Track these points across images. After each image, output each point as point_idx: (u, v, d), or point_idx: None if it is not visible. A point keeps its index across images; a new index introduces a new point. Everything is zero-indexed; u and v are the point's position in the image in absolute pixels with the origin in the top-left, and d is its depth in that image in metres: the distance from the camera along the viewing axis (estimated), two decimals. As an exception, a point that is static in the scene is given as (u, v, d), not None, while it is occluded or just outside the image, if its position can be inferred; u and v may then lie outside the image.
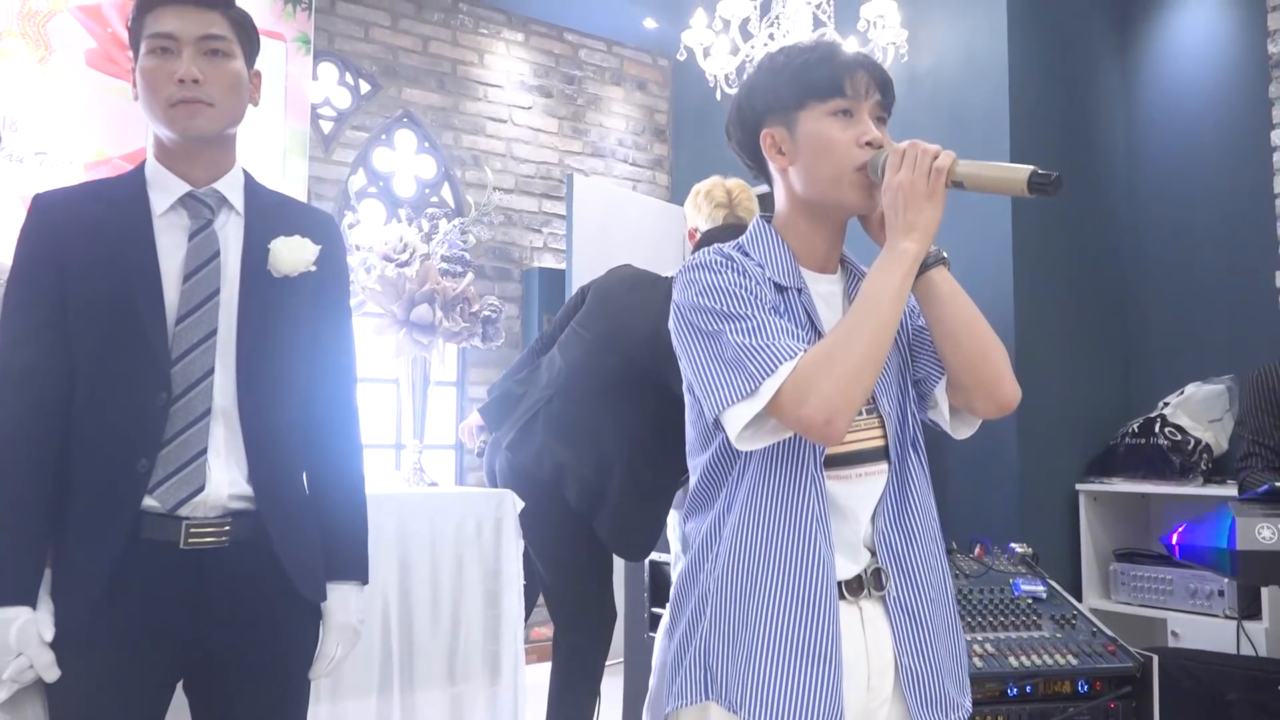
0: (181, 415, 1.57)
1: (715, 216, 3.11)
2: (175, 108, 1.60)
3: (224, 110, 1.64)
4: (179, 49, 1.60)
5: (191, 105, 1.60)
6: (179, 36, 1.60)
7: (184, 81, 1.58)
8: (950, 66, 4.32)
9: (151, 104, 1.62)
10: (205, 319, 1.61)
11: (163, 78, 1.59)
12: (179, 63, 1.59)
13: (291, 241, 1.70)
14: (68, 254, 1.59)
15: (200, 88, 1.59)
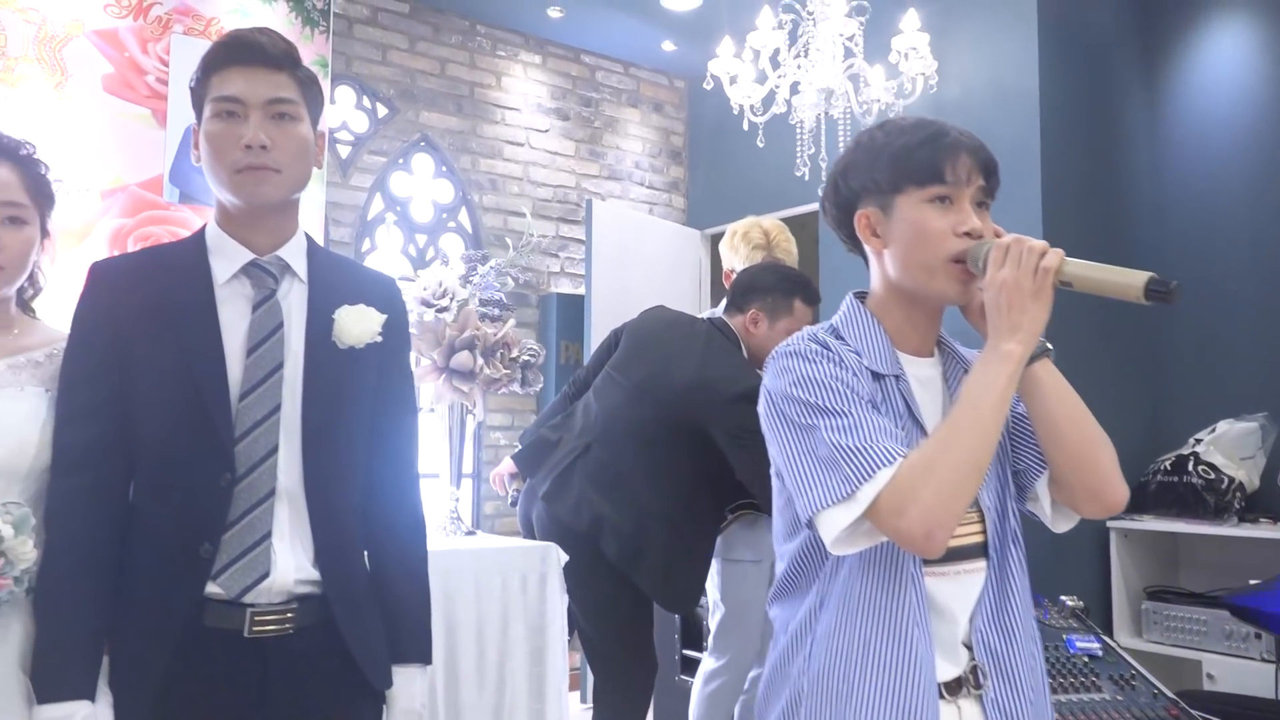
0: (245, 496, 1.51)
1: (753, 258, 3.07)
2: (241, 174, 1.53)
3: (290, 176, 1.58)
4: (246, 113, 1.54)
5: (258, 172, 1.54)
6: (246, 100, 1.54)
7: (251, 147, 1.52)
8: (979, 97, 4.27)
9: (216, 169, 1.55)
10: (269, 394, 1.54)
11: (229, 143, 1.53)
12: (246, 127, 1.53)
13: (357, 311, 1.64)
14: (128, 326, 1.53)
15: (267, 154, 1.53)
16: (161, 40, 4.01)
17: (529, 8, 4.86)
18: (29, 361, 1.61)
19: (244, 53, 1.56)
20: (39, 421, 1.54)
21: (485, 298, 2.82)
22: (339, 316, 1.62)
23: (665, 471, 2.64)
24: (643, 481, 2.63)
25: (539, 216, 5.12)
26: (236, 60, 1.56)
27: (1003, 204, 4.24)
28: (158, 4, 4.01)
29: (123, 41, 3.93)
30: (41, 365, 1.61)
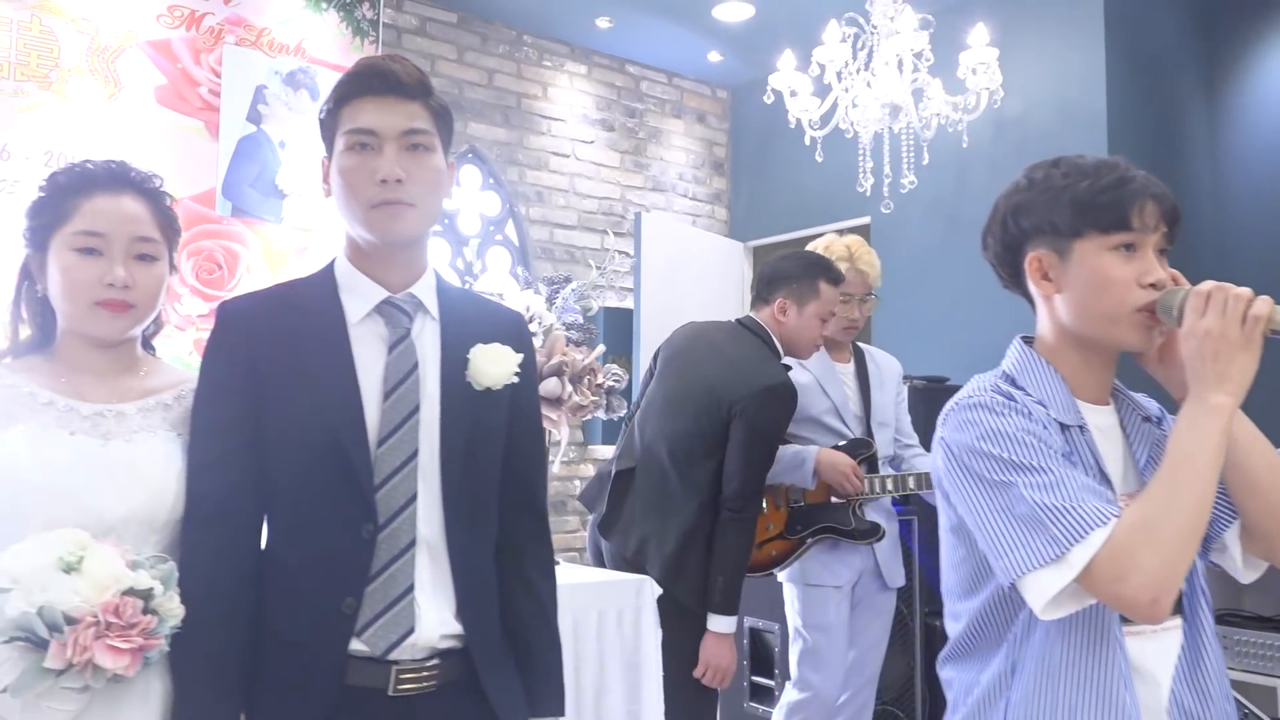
0: (386, 547, 1.44)
1: (849, 281, 3.00)
2: (376, 210, 1.46)
3: (426, 211, 1.51)
4: (380, 145, 1.47)
5: (393, 207, 1.47)
6: (380, 132, 1.47)
7: (386, 181, 1.45)
8: (1042, 113, 4.21)
9: (350, 205, 1.48)
10: (407, 439, 1.48)
11: (363, 177, 1.46)
12: (380, 160, 1.46)
13: (493, 350, 1.57)
14: (263, 369, 1.46)
15: (403, 188, 1.46)
16: (214, 51, 3.94)
17: (577, 18, 4.79)
18: (158, 404, 1.54)
19: (377, 82, 1.49)
20: (175, 468, 1.47)
21: (566, 321, 2.76)
22: (475, 356, 1.55)
23: (708, 483, 2.60)
24: (683, 497, 2.61)
25: (584, 229, 5.05)
26: (370, 90, 1.49)
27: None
28: (210, 14, 3.94)
29: (175, 52, 3.87)
30: (171, 408, 1.54)
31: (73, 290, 1.47)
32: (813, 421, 2.95)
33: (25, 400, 1.45)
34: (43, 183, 1.54)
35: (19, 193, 3.52)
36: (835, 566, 2.89)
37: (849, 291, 2.98)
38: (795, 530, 2.89)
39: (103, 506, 1.41)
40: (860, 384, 3.07)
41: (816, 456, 2.84)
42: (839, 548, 2.88)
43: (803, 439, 2.95)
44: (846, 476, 2.83)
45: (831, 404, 2.96)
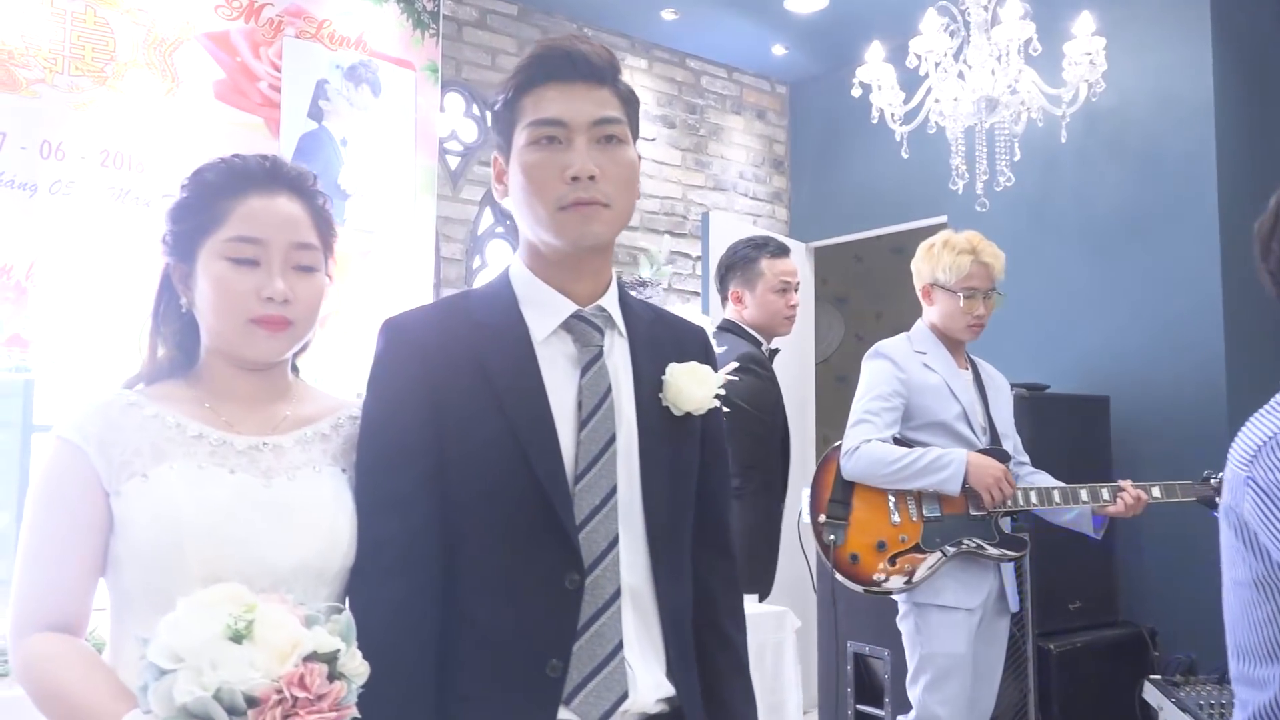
0: (591, 599, 1.24)
1: (959, 265, 2.79)
2: (566, 212, 1.26)
3: (620, 210, 1.31)
4: (569, 138, 1.27)
5: (587, 208, 1.27)
6: (570, 122, 1.27)
7: (579, 178, 1.25)
8: (1141, 105, 4.00)
9: (535, 206, 1.28)
10: (604, 474, 1.28)
11: (552, 174, 1.26)
12: (571, 155, 1.26)
13: (690, 370, 1.37)
14: (442, 396, 1.26)
15: (596, 185, 1.26)
16: (273, 44, 3.74)
17: (641, 10, 4.59)
18: (316, 435, 1.33)
19: (564, 66, 1.30)
20: (347, 509, 1.27)
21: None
22: (674, 377, 1.35)
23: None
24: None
25: (646, 230, 4.85)
26: (555, 75, 1.29)
27: (1175, 218, 3.97)
28: (269, 5, 3.74)
29: (234, 45, 3.66)
30: (330, 439, 1.34)
31: (226, 305, 1.26)
32: (942, 427, 2.74)
33: (173, 433, 1.25)
34: (185, 181, 1.33)
35: (75, 194, 3.32)
36: (972, 586, 2.67)
37: (974, 286, 2.78)
38: (933, 544, 2.67)
39: (272, 556, 1.21)
40: (980, 393, 2.86)
41: (967, 459, 2.63)
42: (971, 567, 2.67)
43: (930, 446, 2.73)
44: (998, 482, 2.62)
45: (961, 409, 2.75)
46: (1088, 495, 2.68)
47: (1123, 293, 3.97)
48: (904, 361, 2.76)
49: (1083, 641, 3.45)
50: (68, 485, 1.21)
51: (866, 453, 2.67)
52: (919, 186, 4.64)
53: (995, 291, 2.83)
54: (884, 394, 2.73)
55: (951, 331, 2.81)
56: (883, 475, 2.66)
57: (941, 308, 2.81)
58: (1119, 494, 2.66)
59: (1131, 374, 3.88)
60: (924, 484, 2.64)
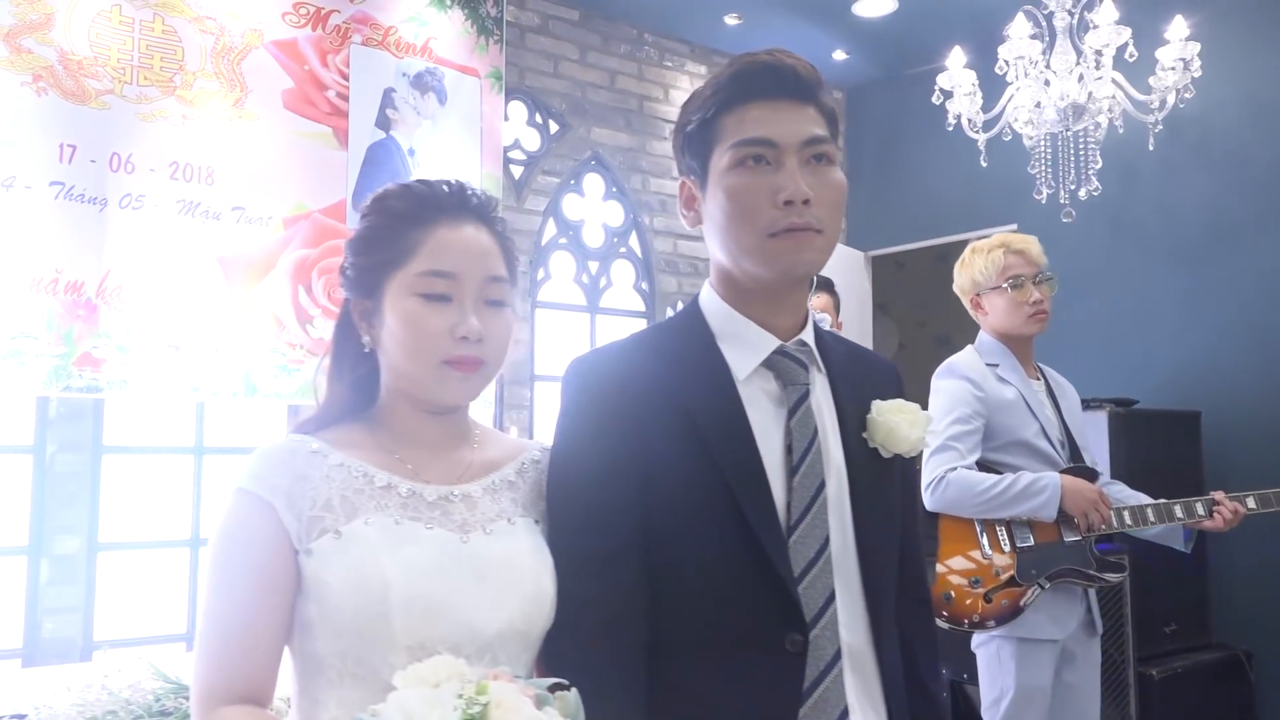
0: (813, 660, 1.14)
1: (993, 261, 2.64)
2: (779, 239, 1.16)
3: (831, 237, 1.21)
4: (779, 159, 1.16)
5: (800, 235, 1.16)
6: (780, 143, 1.16)
7: (792, 203, 1.15)
8: (1229, 111, 3.89)
9: (741, 233, 1.17)
10: (817, 523, 1.18)
11: (761, 198, 1.15)
12: (782, 177, 1.16)
13: (902, 409, 1.27)
14: (647, 441, 1.16)
15: (809, 210, 1.16)
16: (340, 51, 3.65)
17: (704, 15, 4.49)
18: (503, 482, 1.23)
19: (771, 82, 1.19)
20: (547, 565, 1.17)
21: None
22: (885, 417, 1.25)
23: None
24: None
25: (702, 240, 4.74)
26: (761, 93, 1.19)
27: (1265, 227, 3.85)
28: (336, 11, 3.65)
29: (302, 53, 3.57)
30: (516, 486, 1.23)
31: (418, 345, 1.15)
32: (1023, 445, 2.59)
33: (361, 484, 1.14)
34: (367, 209, 1.23)
35: (145, 208, 3.23)
36: (1060, 618, 2.54)
37: (1017, 274, 2.61)
38: (1029, 575, 2.54)
39: (478, 620, 1.10)
40: (1053, 404, 2.73)
41: (1062, 483, 2.51)
42: (1060, 596, 2.53)
43: (1012, 467, 2.60)
44: (1095, 504, 2.49)
45: (1039, 425, 2.62)
46: (1182, 511, 2.55)
47: (1211, 304, 3.86)
48: (980, 378, 2.62)
49: (1183, 666, 3.33)
50: (255, 543, 1.10)
51: (954, 482, 2.53)
52: (988, 194, 4.53)
53: (1045, 276, 2.68)
54: (964, 416, 2.57)
55: (1015, 329, 2.65)
56: (974, 505, 2.52)
57: (996, 310, 2.66)
58: (1215, 508, 2.52)
59: (1223, 388, 3.77)
60: (1018, 511, 2.51)
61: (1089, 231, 4.18)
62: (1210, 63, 3.86)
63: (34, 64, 3.07)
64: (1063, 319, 4.10)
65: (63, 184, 3.09)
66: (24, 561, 3.14)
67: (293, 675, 1.15)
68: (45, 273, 3.03)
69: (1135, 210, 4.14)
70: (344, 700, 1.08)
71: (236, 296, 3.36)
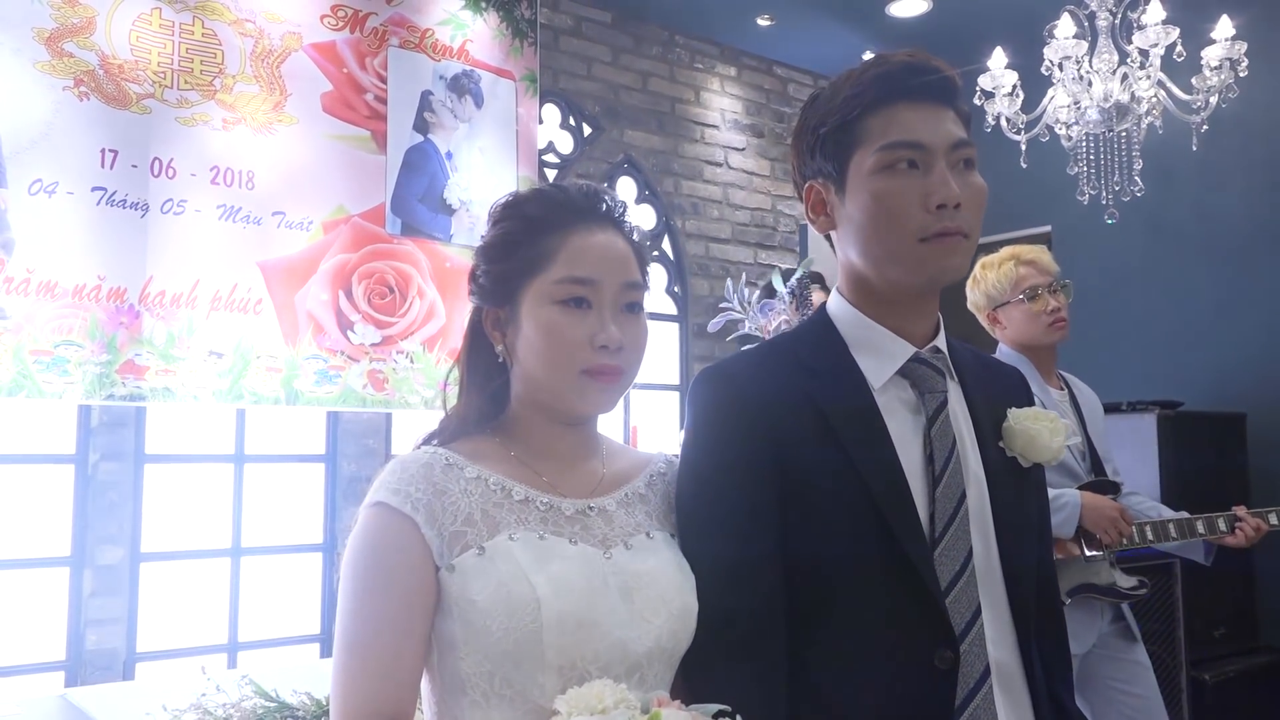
0: (962, 680, 1.10)
1: (1005, 274, 2.59)
2: (929, 243, 1.12)
3: (974, 241, 1.17)
4: (928, 162, 1.13)
5: (950, 239, 1.12)
6: (931, 146, 1.13)
7: (945, 206, 1.11)
8: (1269, 115, 3.87)
9: (889, 237, 1.13)
10: (960, 535, 1.14)
11: (913, 202, 1.12)
12: (933, 181, 1.12)
13: (1040, 416, 1.23)
14: (786, 450, 1.12)
15: (960, 214, 1.12)
16: (378, 54, 3.62)
17: (736, 16, 4.47)
18: (635, 495, 1.18)
19: (917, 83, 1.15)
20: (691, 581, 1.13)
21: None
22: (1024, 426, 1.22)
23: None
24: None
25: (737, 242, 4.72)
26: (907, 94, 1.15)
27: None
28: (374, 14, 3.62)
29: (341, 56, 3.54)
30: (647, 499, 1.19)
31: (557, 354, 1.11)
32: None
33: (499, 497, 1.10)
34: (497, 213, 1.19)
35: (186, 213, 3.19)
36: (1079, 632, 2.49)
37: (1031, 285, 2.58)
38: None
39: (627, 639, 1.06)
40: (1076, 414, 2.68)
41: (1082, 500, 2.47)
42: (1077, 611, 2.49)
43: None
44: (1115, 522, 2.45)
45: None
46: (1204, 527, 2.50)
47: (1255, 305, 3.84)
48: None
49: (1235, 670, 3.31)
50: (396, 560, 1.06)
51: None
52: (1023, 195, 4.50)
53: (1060, 284, 2.64)
54: None
55: (1036, 339, 2.61)
56: None
57: (1014, 323, 2.61)
58: (1237, 524, 2.47)
59: (1268, 390, 3.75)
60: None
61: (1127, 233, 4.15)
62: (1252, 64, 3.84)
63: (75, 68, 3.04)
64: (1101, 322, 4.08)
65: (104, 189, 3.06)
66: (66, 573, 3.10)
67: (428, 694, 1.12)
68: (88, 279, 3.00)
69: (1174, 212, 4.11)
70: (486, 719, 1.05)
71: (278, 302, 3.32)
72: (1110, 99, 3.54)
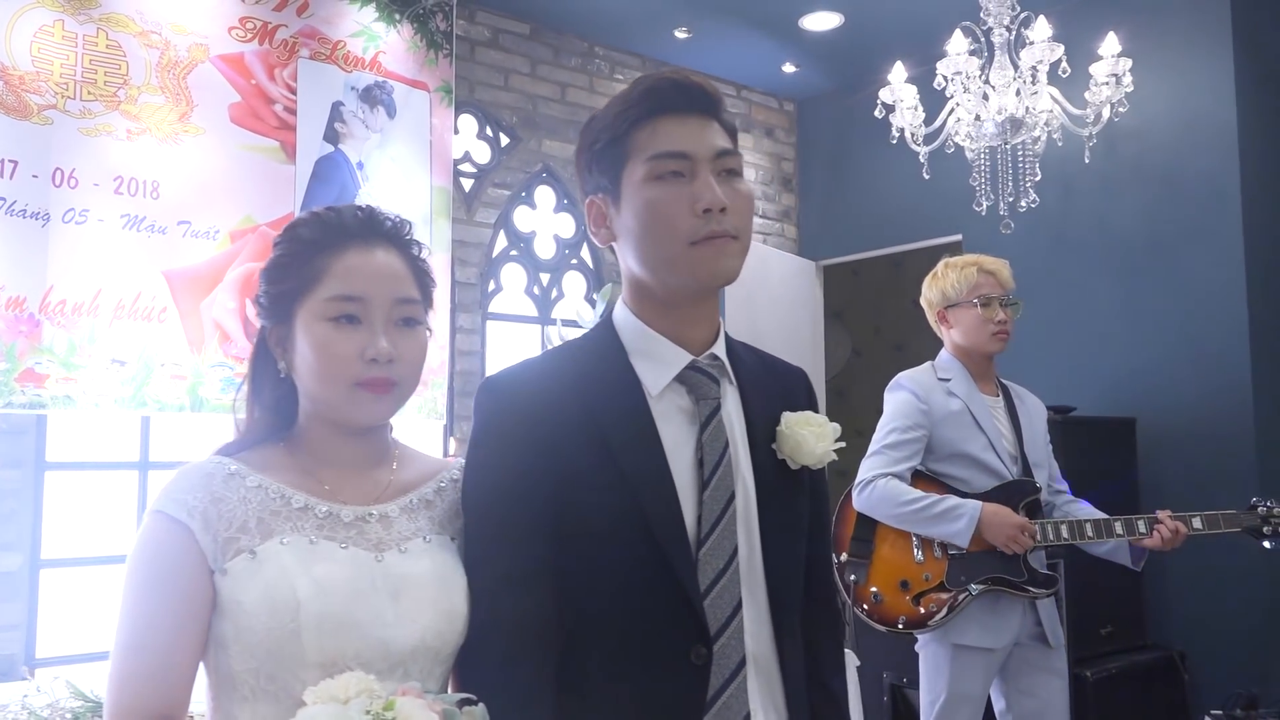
0: (718, 670, 1.18)
1: (966, 277, 2.73)
2: (700, 247, 1.19)
3: (745, 244, 1.25)
4: (693, 171, 1.20)
5: (719, 241, 1.20)
6: (694, 155, 1.21)
7: (710, 211, 1.19)
8: (1164, 128, 4.00)
9: (661, 243, 1.20)
10: (726, 536, 1.22)
11: (681, 209, 1.19)
12: (698, 187, 1.19)
13: (809, 421, 1.31)
14: (560, 460, 1.19)
15: (726, 217, 1.20)
16: (288, 66, 3.66)
17: (654, 29, 4.55)
18: (421, 502, 1.26)
19: (680, 98, 1.24)
20: (460, 583, 1.20)
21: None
22: (793, 429, 1.29)
23: None
24: None
25: (657, 250, 4.79)
26: (670, 108, 1.23)
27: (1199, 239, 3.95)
28: (283, 26, 3.66)
29: (249, 67, 3.58)
30: (434, 505, 1.27)
31: (328, 369, 1.18)
32: (966, 458, 2.66)
33: (278, 505, 1.17)
34: (278, 239, 1.26)
35: (89, 223, 3.22)
36: (995, 626, 2.60)
37: (987, 293, 2.71)
38: (958, 581, 2.61)
39: (390, 637, 1.13)
40: (1011, 420, 2.79)
41: (980, 513, 2.57)
42: (998, 605, 2.60)
43: (954, 479, 2.68)
44: (1014, 538, 2.54)
45: (986, 439, 2.67)
46: (1123, 528, 2.58)
47: (1147, 314, 3.96)
48: (925, 392, 2.69)
49: (1117, 667, 3.42)
50: (171, 564, 1.13)
51: (880, 489, 2.61)
52: (934, 205, 4.61)
53: (1011, 300, 2.76)
54: (902, 426, 2.66)
55: (978, 345, 2.73)
56: (894, 514, 2.60)
57: (961, 325, 2.74)
58: (1156, 526, 2.54)
59: (1158, 396, 3.87)
60: (934, 532, 2.57)
61: (1031, 243, 4.28)
62: (1145, 79, 3.97)
63: (-26, 79, 3.06)
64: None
65: (4, 199, 3.08)
66: (-36, 579, 3.12)
67: (207, 691, 1.18)
68: (-14, 288, 3.02)
69: (1074, 222, 4.24)
70: (257, 715, 1.11)
71: (183, 310, 3.36)
72: (1005, 113, 3.66)
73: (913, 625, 2.62)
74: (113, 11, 3.32)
